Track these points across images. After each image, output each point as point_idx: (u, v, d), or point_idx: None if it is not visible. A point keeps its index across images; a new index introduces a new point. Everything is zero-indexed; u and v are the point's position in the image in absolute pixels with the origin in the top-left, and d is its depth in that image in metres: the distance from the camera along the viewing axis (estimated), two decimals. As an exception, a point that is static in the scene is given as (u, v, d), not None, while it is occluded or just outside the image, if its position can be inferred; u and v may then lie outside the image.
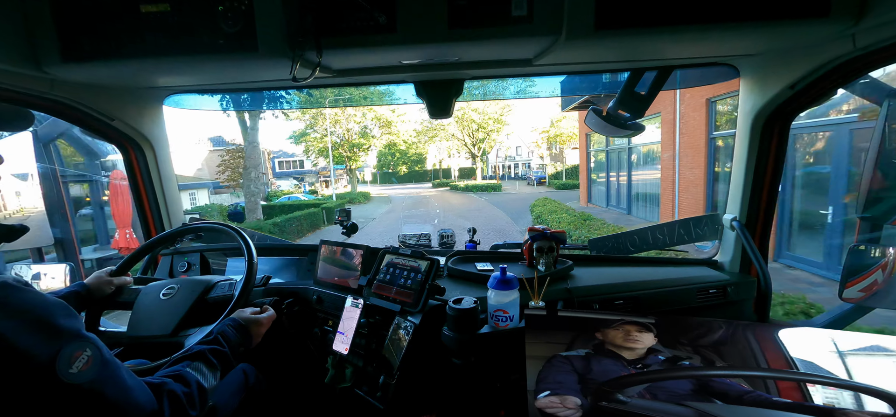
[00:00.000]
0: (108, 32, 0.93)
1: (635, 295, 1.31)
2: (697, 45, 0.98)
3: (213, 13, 0.89)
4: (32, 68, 0.96)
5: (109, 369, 0.58)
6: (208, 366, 0.83)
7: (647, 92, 1.23)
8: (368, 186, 36.65)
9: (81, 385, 0.53)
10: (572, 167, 27.29)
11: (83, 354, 0.55)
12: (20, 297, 0.51)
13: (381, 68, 1.13)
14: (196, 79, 1.24)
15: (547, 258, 1.40)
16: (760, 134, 1.23)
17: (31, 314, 0.52)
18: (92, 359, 0.55)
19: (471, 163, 27.25)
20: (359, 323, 1.23)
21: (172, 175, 1.67)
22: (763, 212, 1.33)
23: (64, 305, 0.57)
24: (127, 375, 0.62)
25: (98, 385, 0.55)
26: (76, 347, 0.54)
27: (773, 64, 1.09)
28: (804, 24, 0.82)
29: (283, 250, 1.78)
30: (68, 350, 0.53)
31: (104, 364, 0.58)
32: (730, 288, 1.37)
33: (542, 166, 37.67)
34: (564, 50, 0.91)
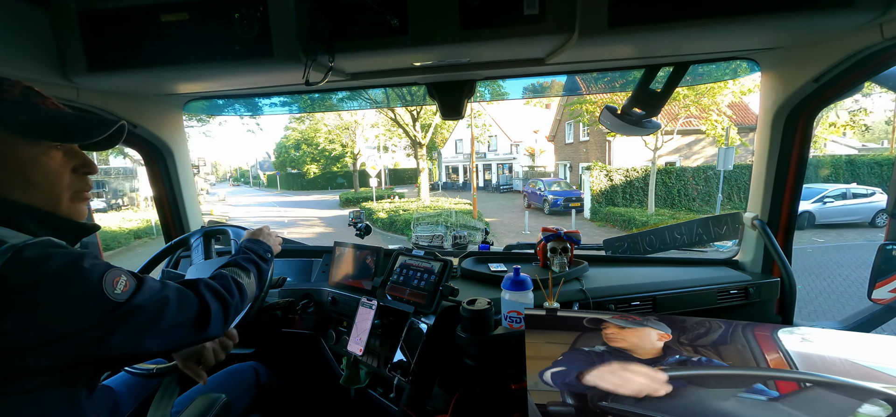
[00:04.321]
0: (131, 42, 0.96)
1: (652, 296, 1.28)
2: (716, 40, 0.96)
3: (230, 21, 0.91)
4: (60, 78, 1.01)
5: (146, 285, 0.67)
6: (241, 269, 0.90)
7: (663, 89, 1.21)
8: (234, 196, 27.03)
9: (126, 300, 0.62)
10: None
11: (121, 279, 0.63)
12: (56, 252, 0.59)
13: (392, 71, 1.14)
14: (214, 86, 1.27)
15: (561, 258, 1.39)
16: (783, 129, 1.20)
17: (72, 256, 0.60)
18: (128, 282, 0.64)
19: (420, 161, 15.18)
20: (373, 324, 1.24)
21: (191, 179, 1.72)
22: (786, 210, 1.29)
23: (94, 252, 0.68)
24: (158, 284, 0.70)
25: (137, 299, 0.64)
26: (113, 274, 0.62)
27: (796, 57, 1.05)
28: (829, 15, 0.79)
29: (298, 252, 1.80)
30: (109, 275, 0.61)
31: (139, 281, 0.66)
32: (751, 288, 1.33)
33: (548, 174, 22.45)
34: (577, 48, 0.90)
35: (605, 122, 1.34)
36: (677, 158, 16.53)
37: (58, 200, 0.69)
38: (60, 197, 0.70)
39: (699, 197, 14.47)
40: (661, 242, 1.61)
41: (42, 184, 0.67)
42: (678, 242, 1.59)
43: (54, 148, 0.68)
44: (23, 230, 0.63)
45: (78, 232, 0.74)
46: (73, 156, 0.72)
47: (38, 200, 0.66)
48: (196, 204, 1.75)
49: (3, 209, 0.63)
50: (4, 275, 0.54)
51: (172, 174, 1.62)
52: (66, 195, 0.70)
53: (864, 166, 15.48)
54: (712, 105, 10.73)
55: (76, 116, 0.72)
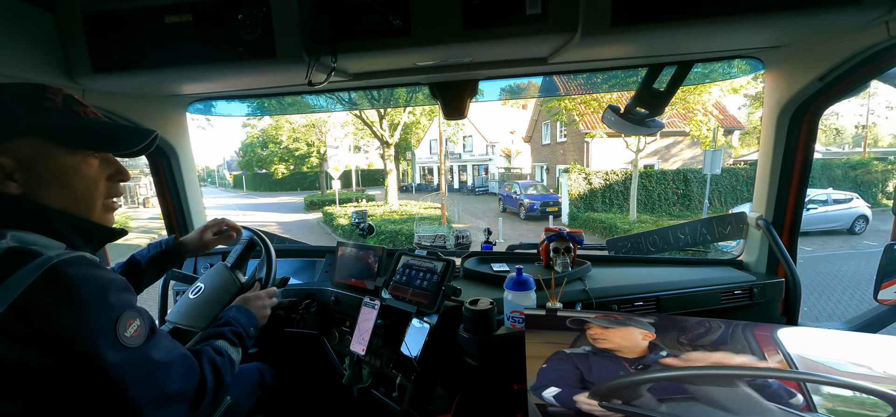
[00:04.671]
0: (135, 44, 0.97)
1: (656, 296, 1.28)
2: (720, 39, 0.95)
3: (233, 22, 0.91)
4: (66, 79, 1.01)
5: (156, 336, 0.66)
6: (229, 342, 0.88)
7: (667, 87, 1.20)
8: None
9: (134, 348, 0.62)
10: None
11: (134, 322, 0.63)
12: (86, 274, 0.59)
13: (395, 71, 1.14)
14: (217, 87, 1.27)
15: (564, 258, 1.38)
16: (787, 128, 1.19)
17: (101, 284, 0.60)
18: (140, 328, 0.63)
19: (388, 162, 14.53)
20: (375, 324, 1.24)
21: (196, 179, 1.72)
22: (791, 210, 1.28)
23: (125, 282, 0.66)
24: (171, 343, 0.70)
25: (146, 349, 0.63)
26: (130, 316, 0.62)
27: (802, 55, 1.04)
28: (834, 13, 0.78)
29: (302, 252, 1.81)
30: (125, 318, 0.61)
31: (152, 331, 0.66)
32: (756, 289, 1.32)
33: (525, 176, 22.20)
34: (580, 48, 0.90)
35: (609, 121, 1.33)
36: (656, 161, 16.06)
37: (93, 207, 0.71)
38: (95, 204, 0.71)
39: (679, 201, 13.98)
40: (665, 242, 1.61)
41: (80, 192, 0.68)
42: (682, 242, 1.58)
43: (92, 156, 0.70)
44: (56, 235, 0.65)
45: (106, 238, 0.75)
46: (109, 165, 0.73)
47: (73, 207, 0.67)
48: (201, 205, 1.76)
49: (40, 215, 0.64)
50: (35, 294, 0.54)
51: (177, 175, 1.63)
52: (99, 202, 0.72)
53: (838, 169, 15.22)
54: (698, 104, 10.20)
55: (116, 126, 0.74)
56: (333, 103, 1.65)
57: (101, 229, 0.73)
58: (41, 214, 0.64)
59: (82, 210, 0.69)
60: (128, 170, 0.77)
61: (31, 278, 0.54)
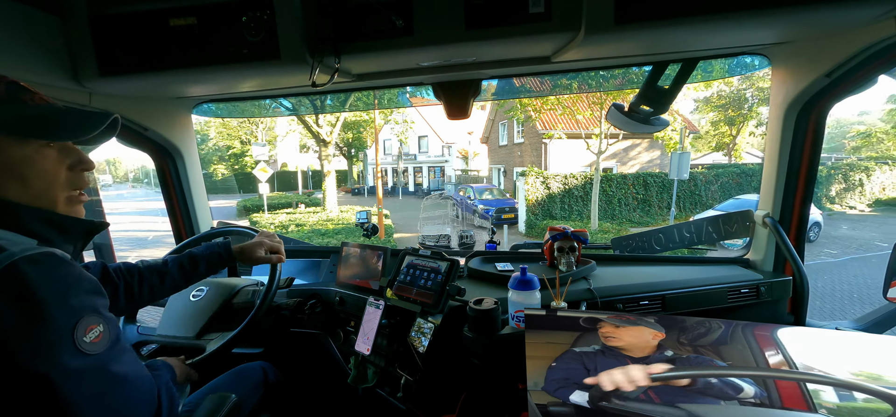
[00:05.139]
0: (141, 47, 0.98)
1: (661, 295, 1.27)
2: (725, 35, 0.94)
3: (238, 24, 0.92)
4: (73, 83, 1.03)
5: (117, 349, 0.62)
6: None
7: (671, 85, 1.19)
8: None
9: (91, 355, 0.58)
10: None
11: (97, 328, 0.59)
12: (48, 274, 0.57)
13: (398, 71, 1.14)
14: (222, 88, 1.28)
15: (568, 257, 1.38)
16: (794, 125, 1.18)
17: (63, 285, 0.58)
18: (103, 335, 0.60)
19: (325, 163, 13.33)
20: (380, 324, 1.24)
21: (201, 181, 1.74)
22: (798, 208, 1.27)
23: (95, 283, 0.62)
24: (132, 359, 0.66)
25: (104, 361, 0.59)
26: (93, 320, 0.59)
27: (809, 51, 1.03)
28: (842, 8, 0.77)
29: (306, 252, 1.82)
30: (86, 321, 0.58)
31: (114, 343, 0.62)
32: (763, 287, 1.31)
33: (481, 178, 21.45)
34: (584, 46, 0.90)
35: (613, 120, 1.33)
36: (614, 164, 15.21)
37: (54, 201, 0.67)
38: (56, 197, 0.67)
39: (639, 207, 13.14)
40: (671, 240, 1.60)
41: (37, 184, 0.64)
42: (687, 240, 1.57)
43: (47, 146, 0.65)
44: (28, 232, 0.61)
45: (87, 231, 0.72)
46: (68, 154, 0.69)
47: (34, 200, 0.64)
48: (206, 205, 1.77)
49: (5, 211, 0.61)
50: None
51: (182, 176, 1.64)
52: (62, 194, 0.68)
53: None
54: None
55: (67, 111, 0.68)
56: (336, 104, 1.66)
57: (77, 222, 0.69)
58: (7, 210, 0.61)
59: (45, 203, 0.65)
60: (91, 159, 0.72)
61: None
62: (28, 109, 0.64)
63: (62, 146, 0.68)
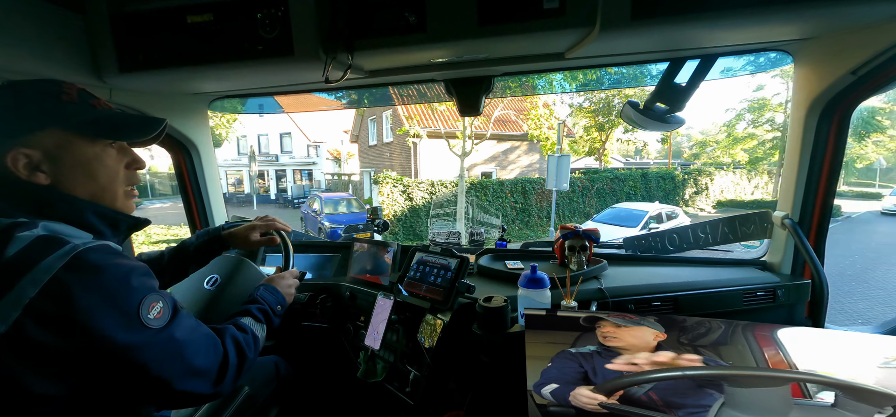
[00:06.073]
0: (160, 43, 1.00)
1: (674, 296, 1.25)
2: (746, 31, 0.92)
3: (253, 21, 0.93)
4: (94, 79, 1.05)
5: (177, 318, 0.70)
6: (255, 320, 0.91)
7: (688, 82, 1.17)
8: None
9: (158, 329, 0.65)
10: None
11: (157, 305, 0.66)
12: (109, 261, 0.63)
13: (411, 67, 1.14)
14: (237, 84, 1.30)
15: (579, 256, 1.37)
16: (817, 124, 1.14)
17: (124, 270, 0.64)
18: (163, 310, 0.67)
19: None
20: (390, 320, 1.25)
21: (216, 175, 1.77)
22: (819, 209, 1.23)
23: (146, 268, 0.69)
24: (191, 324, 0.72)
25: (170, 330, 0.67)
26: (154, 298, 0.66)
27: (833, 47, 1.00)
28: (869, 2, 0.74)
29: (318, 247, 1.84)
30: (149, 300, 0.65)
31: (174, 312, 0.70)
32: (780, 290, 1.28)
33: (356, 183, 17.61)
34: (599, 42, 0.88)
35: (627, 118, 1.30)
36: (494, 168, 13.65)
37: (115, 195, 0.74)
38: (117, 192, 0.75)
39: (519, 217, 11.83)
40: (685, 241, 1.57)
41: (103, 180, 0.71)
42: (702, 241, 1.54)
43: (110, 145, 0.73)
44: (84, 225, 0.68)
45: (132, 227, 0.79)
46: (125, 153, 0.77)
47: (98, 195, 0.71)
48: (221, 199, 1.81)
49: (70, 205, 0.67)
50: (62, 279, 0.57)
51: (198, 170, 1.67)
52: (121, 190, 0.75)
53: (654, 179, 15.31)
54: (534, 96, 8.23)
55: (128, 115, 0.76)
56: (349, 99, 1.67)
57: (127, 218, 0.76)
58: (70, 204, 0.67)
59: (107, 198, 0.72)
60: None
61: (58, 264, 0.57)
62: (96, 112, 0.71)
63: (120, 146, 0.76)
